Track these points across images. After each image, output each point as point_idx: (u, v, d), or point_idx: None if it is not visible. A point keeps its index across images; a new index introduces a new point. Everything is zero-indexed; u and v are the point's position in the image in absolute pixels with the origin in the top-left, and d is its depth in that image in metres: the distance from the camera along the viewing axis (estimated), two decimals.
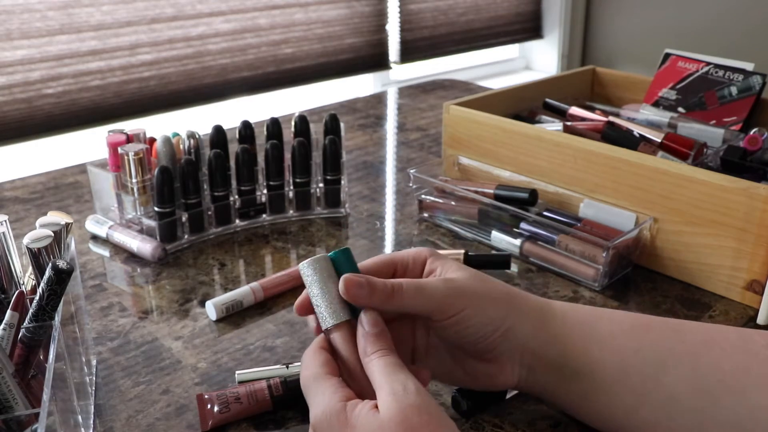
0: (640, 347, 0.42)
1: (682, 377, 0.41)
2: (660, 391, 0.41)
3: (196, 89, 1.69)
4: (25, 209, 0.82)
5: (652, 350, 0.42)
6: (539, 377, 0.44)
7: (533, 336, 0.43)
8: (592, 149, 0.68)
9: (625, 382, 0.41)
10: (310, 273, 0.41)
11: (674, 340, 0.42)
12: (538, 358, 0.43)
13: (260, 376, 0.51)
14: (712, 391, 0.40)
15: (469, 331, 0.41)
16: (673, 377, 0.41)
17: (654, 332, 0.43)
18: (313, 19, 1.87)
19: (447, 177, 0.81)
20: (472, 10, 2.30)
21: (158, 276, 0.67)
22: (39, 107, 1.47)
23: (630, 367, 0.41)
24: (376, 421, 0.34)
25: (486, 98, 0.86)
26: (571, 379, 0.43)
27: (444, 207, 0.76)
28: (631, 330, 0.43)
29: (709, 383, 0.40)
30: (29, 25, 1.42)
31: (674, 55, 0.91)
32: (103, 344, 0.57)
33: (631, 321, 0.44)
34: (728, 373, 0.40)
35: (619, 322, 0.44)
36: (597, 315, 0.45)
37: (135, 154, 0.68)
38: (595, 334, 0.43)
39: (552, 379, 0.43)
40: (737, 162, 0.72)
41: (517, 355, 0.43)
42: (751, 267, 0.60)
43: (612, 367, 0.42)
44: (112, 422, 0.48)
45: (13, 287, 0.44)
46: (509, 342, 0.42)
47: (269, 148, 0.74)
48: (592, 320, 0.44)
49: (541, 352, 0.43)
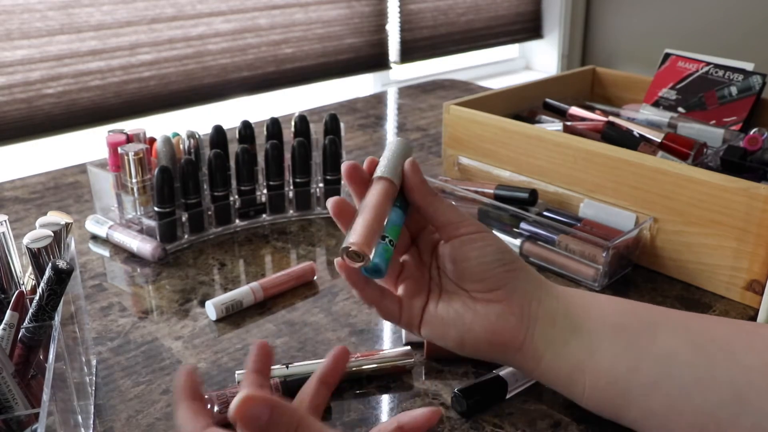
0: (634, 309, 0.46)
1: (677, 335, 0.43)
2: (658, 348, 0.42)
3: (196, 89, 1.69)
4: (25, 209, 0.82)
5: (646, 312, 0.45)
6: (544, 331, 0.44)
7: (537, 288, 0.46)
8: (592, 149, 0.68)
9: (623, 338, 0.43)
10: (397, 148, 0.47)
11: (665, 310, 0.46)
12: (542, 309, 0.45)
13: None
14: (707, 349, 0.42)
15: (486, 251, 0.45)
16: (668, 334, 0.43)
17: (645, 305, 0.47)
18: (313, 19, 1.87)
19: (447, 177, 0.81)
20: (472, 10, 2.30)
21: (158, 276, 0.67)
22: (39, 107, 1.47)
23: (627, 324, 0.44)
24: None
25: (486, 98, 0.86)
26: (573, 335, 0.44)
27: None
28: (623, 300, 0.47)
29: (703, 341, 0.42)
30: (29, 25, 1.42)
31: (674, 55, 0.91)
32: (103, 344, 0.57)
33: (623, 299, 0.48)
34: (719, 336, 0.42)
35: (611, 296, 0.48)
36: (590, 293, 0.48)
37: (135, 154, 0.68)
38: (592, 299, 0.46)
39: (555, 334, 0.44)
40: (737, 162, 0.72)
41: (525, 302, 0.45)
42: (751, 267, 0.60)
43: (610, 324, 0.44)
44: (112, 422, 0.48)
45: (13, 287, 0.44)
46: (517, 283, 0.45)
47: (269, 148, 0.74)
48: (588, 293, 0.48)
49: (546, 304, 0.45)
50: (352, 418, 0.48)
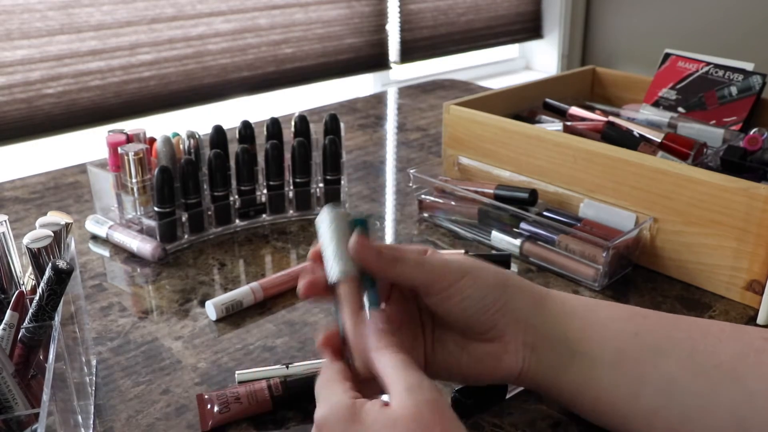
0: (638, 331, 0.43)
1: (680, 361, 0.41)
2: (659, 375, 0.41)
3: (196, 89, 1.69)
4: (25, 209, 0.82)
5: (649, 335, 0.43)
6: (542, 358, 0.43)
7: (533, 313, 0.43)
8: (592, 149, 0.68)
9: (624, 365, 0.42)
10: (328, 221, 0.42)
11: (671, 327, 0.44)
12: (539, 336, 0.43)
13: (260, 376, 0.51)
14: (710, 375, 0.40)
15: (467, 303, 0.42)
16: (671, 361, 0.41)
17: (651, 320, 0.44)
18: (313, 19, 1.87)
19: (447, 177, 0.81)
20: (472, 10, 2.30)
21: (158, 276, 0.67)
22: (39, 107, 1.47)
23: (628, 350, 0.42)
24: (387, 417, 0.34)
25: (486, 98, 0.86)
26: (572, 361, 0.43)
27: (444, 207, 0.76)
28: (628, 317, 0.44)
29: (707, 368, 0.41)
30: (29, 25, 1.42)
31: (674, 55, 0.91)
32: (103, 344, 0.57)
33: (629, 310, 0.45)
34: (725, 360, 0.41)
35: (617, 308, 0.46)
36: (595, 302, 0.46)
37: (135, 154, 0.68)
38: (593, 318, 0.44)
39: (554, 360, 0.43)
40: (737, 162, 0.72)
41: (520, 332, 0.43)
42: (751, 267, 0.60)
43: (611, 350, 0.43)
44: (112, 422, 0.48)
45: (13, 287, 0.44)
46: (509, 317, 0.43)
47: (269, 148, 0.74)
48: (591, 306, 0.45)
49: (543, 330, 0.43)
50: None
